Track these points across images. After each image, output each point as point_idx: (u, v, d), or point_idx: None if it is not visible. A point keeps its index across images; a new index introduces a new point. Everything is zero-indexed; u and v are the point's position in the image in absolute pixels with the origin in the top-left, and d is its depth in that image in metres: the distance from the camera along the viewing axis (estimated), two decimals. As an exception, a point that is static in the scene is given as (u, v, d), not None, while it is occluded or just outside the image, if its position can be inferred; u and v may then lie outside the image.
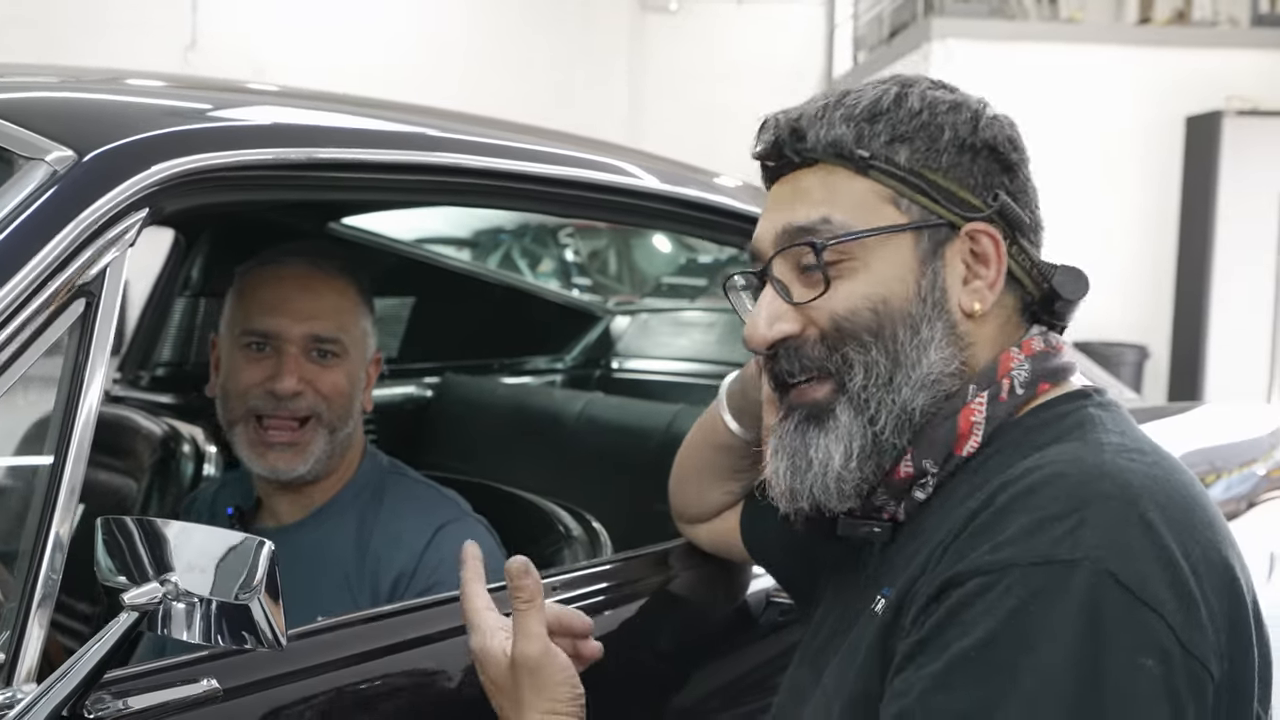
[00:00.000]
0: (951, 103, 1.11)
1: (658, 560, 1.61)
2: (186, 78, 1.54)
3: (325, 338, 1.66)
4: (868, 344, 1.06)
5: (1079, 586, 0.89)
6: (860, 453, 1.07)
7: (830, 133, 1.09)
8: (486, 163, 1.48)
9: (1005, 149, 1.11)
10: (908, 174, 1.08)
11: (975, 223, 1.08)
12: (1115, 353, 8.60)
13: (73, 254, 1.11)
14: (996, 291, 1.09)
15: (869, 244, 1.07)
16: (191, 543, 1.05)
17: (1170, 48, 9.20)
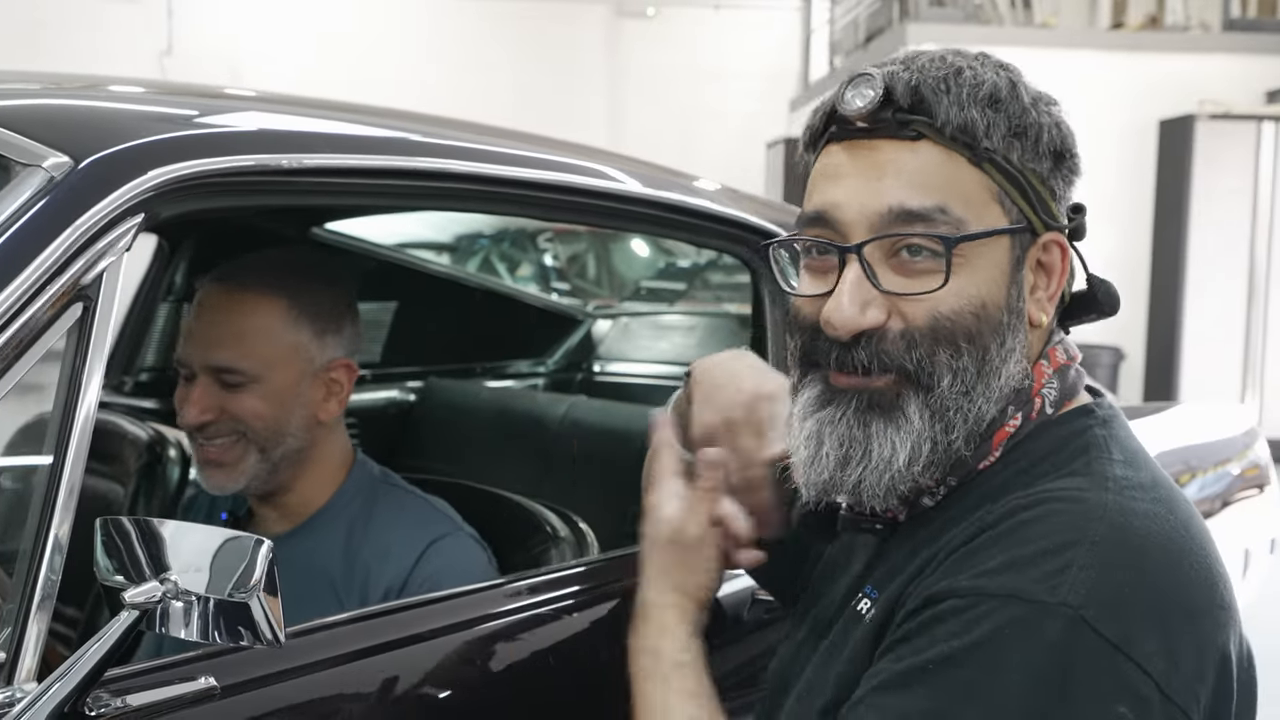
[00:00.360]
0: (1046, 99, 1.06)
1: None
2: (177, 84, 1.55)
3: (223, 367, 1.61)
4: (962, 350, 1.01)
5: (1052, 630, 0.88)
6: (928, 458, 1.02)
7: (961, 114, 1.01)
8: (471, 167, 1.50)
9: (1078, 159, 1.08)
10: (1018, 173, 1.03)
11: (1054, 233, 1.06)
12: (1091, 355, 8.66)
13: (70, 259, 1.13)
14: (1054, 303, 1.07)
15: (978, 243, 1.01)
16: (190, 542, 1.06)
17: (1143, 52, 9.29)
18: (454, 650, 1.34)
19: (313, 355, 1.66)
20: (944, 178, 1.01)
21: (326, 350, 1.67)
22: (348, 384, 1.70)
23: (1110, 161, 9.04)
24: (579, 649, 1.49)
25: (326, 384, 1.68)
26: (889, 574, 1.05)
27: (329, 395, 1.68)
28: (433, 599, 1.40)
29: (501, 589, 1.49)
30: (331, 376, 1.68)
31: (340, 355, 1.69)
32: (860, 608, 1.06)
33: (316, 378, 1.66)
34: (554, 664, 1.44)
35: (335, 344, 1.68)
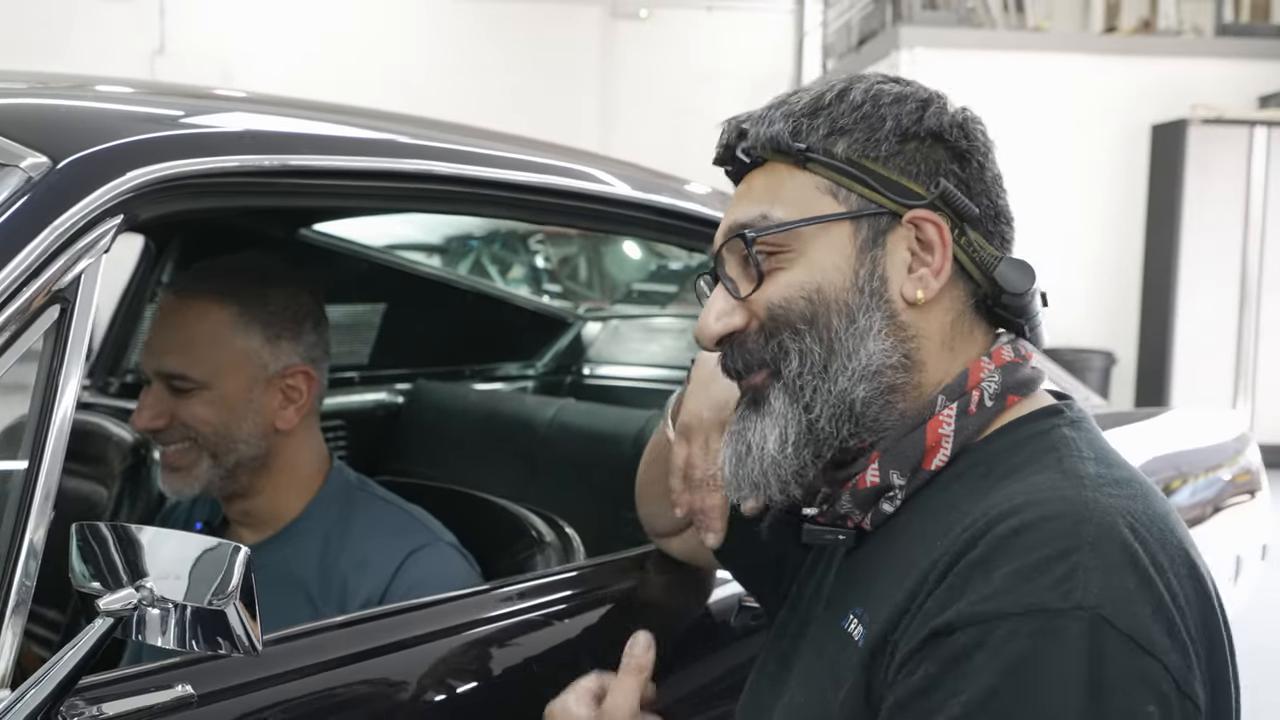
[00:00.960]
0: (898, 94, 1.10)
1: (630, 565, 1.62)
2: (162, 84, 1.54)
3: (171, 373, 1.61)
4: (801, 331, 1.06)
5: (1078, 635, 0.88)
6: (796, 439, 1.06)
7: (768, 130, 1.10)
8: (456, 169, 1.49)
9: (954, 136, 1.09)
10: (845, 164, 1.07)
11: (918, 210, 1.07)
12: (1083, 359, 8.67)
13: (47, 260, 1.11)
14: (942, 279, 1.07)
15: (805, 235, 1.07)
16: (166, 548, 1.05)
17: (1136, 57, 9.29)
18: (436, 657, 1.32)
19: (265, 362, 1.64)
20: (770, 187, 1.11)
21: (281, 357, 1.65)
22: (308, 391, 1.67)
23: (1102, 166, 9.06)
24: (564, 656, 1.48)
25: (283, 391, 1.65)
26: (874, 592, 1.03)
27: (286, 402, 1.66)
28: (415, 605, 1.39)
29: (485, 595, 1.48)
30: (288, 384, 1.66)
31: (297, 362, 1.66)
32: (849, 627, 1.04)
33: (270, 384, 1.64)
34: (538, 671, 1.42)
35: (291, 351, 1.66)
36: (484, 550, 1.75)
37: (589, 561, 1.68)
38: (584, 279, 8.73)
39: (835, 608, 1.09)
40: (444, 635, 1.36)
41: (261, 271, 1.71)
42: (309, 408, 1.69)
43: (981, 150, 1.11)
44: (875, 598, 1.02)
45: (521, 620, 1.46)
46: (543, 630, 1.48)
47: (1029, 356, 1.11)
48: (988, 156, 1.11)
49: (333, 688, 1.25)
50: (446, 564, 1.64)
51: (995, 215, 1.11)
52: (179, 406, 1.61)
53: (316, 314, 1.71)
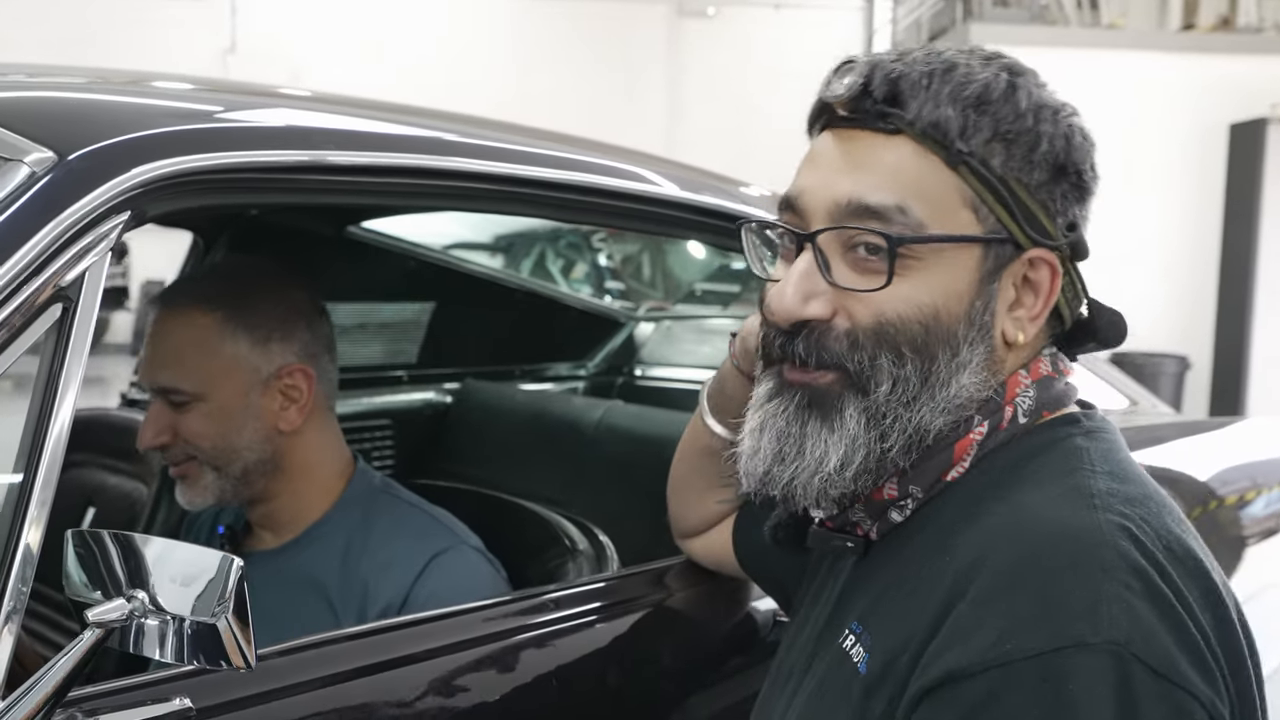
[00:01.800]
0: (1054, 108, 1.00)
1: (661, 576, 1.57)
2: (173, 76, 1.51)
3: (165, 388, 1.59)
4: (905, 358, 0.97)
5: (1108, 671, 0.82)
6: (860, 465, 0.98)
7: (935, 111, 0.96)
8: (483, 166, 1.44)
9: (1089, 176, 1.02)
10: (998, 182, 0.97)
11: (1042, 250, 0.99)
12: (1155, 364, 8.48)
13: (50, 257, 1.08)
14: (1039, 324, 1.01)
15: (936, 248, 0.96)
16: (162, 558, 1.01)
17: (1214, 54, 9.08)
18: (450, 672, 1.28)
19: (257, 365, 1.60)
20: (912, 176, 0.97)
21: (273, 358, 1.61)
22: (308, 390, 1.64)
23: (1177, 166, 8.86)
24: (589, 669, 1.43)
25: (281, 392, 1.62)
26: (876, 610, 0.98)
27: (287, 403, 1.63)
28: (430, 617, 1.35)
29: (504, 606, 1.43)
30: (286, 384, 1.62)
31: (292, 361, 1.63)
32: (847, 646, 0.99)
33: (267, 387, 1.61)
34: (558, 686, 1.38)
35: (283, 351, 1.62)
36: (515, 557, 1.71)
37: (620, 572, 1.63)
38: (647, 278, 8.69)
39: (836, 623, 1.04)
40: (460, 649, 1.31)
41: (245, 274, 1.69)
42: (314, 406, 1.65)
43: (1098, 186, 1.03)
44: (877, 616, 0.98)
45: (543, 633, 1.41)
46: (567, 642, 1.43)
47: (1066, 371, 1.05)
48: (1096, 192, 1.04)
49: (341, 702, 1.20)
50: (470, 568, 1.60)
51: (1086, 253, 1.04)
52: (179, 421, 1.59)
53: (310, 311, 1.67)
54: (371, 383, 2.90)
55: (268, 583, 1.61)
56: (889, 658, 0.93)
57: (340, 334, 2.92)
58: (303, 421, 1.63)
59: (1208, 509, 2.54)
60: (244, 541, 1.70)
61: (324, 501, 1.66)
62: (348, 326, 2.92)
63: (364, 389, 2.88)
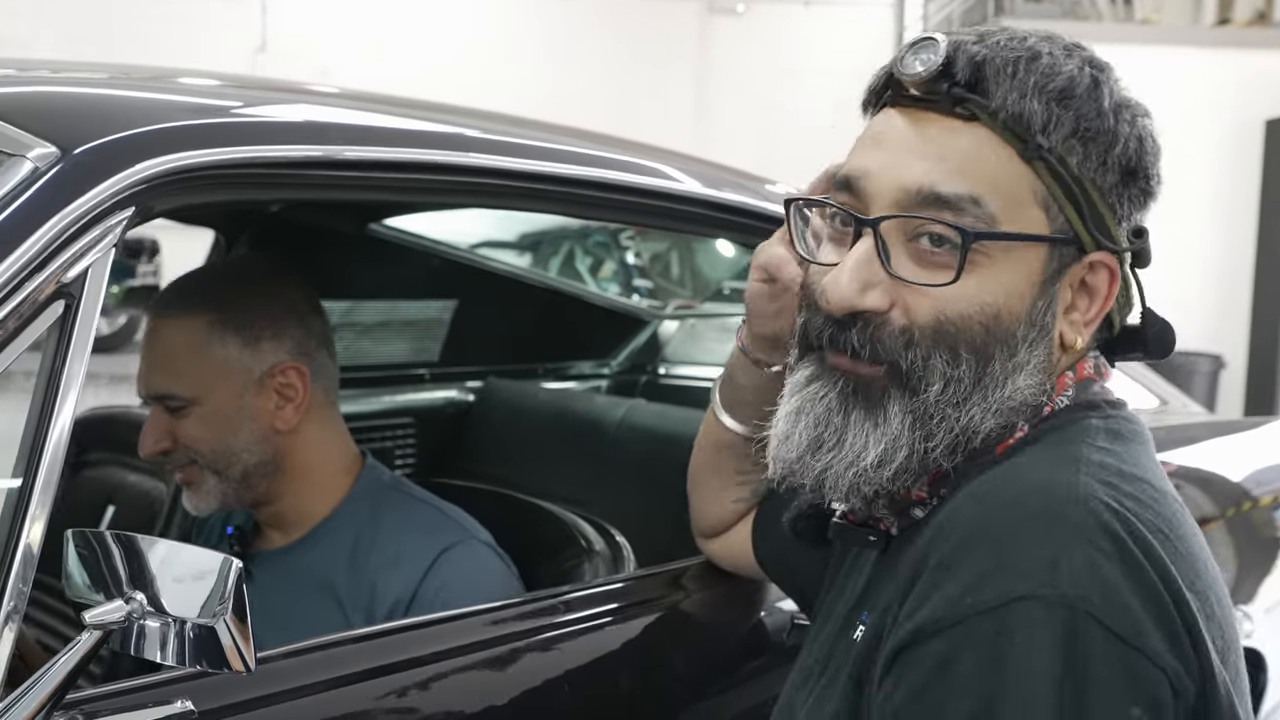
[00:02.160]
0: (1131, 108, 0.97)
1: (677, 578, 1.55)
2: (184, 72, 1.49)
3: (160, 394, 1.58)
4: (961, 360, 0.93)
5: (1060, 626, 0.80)
6: (901, 464, 0.94)
7: (1021, 102, 0.92)
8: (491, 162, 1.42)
9: (1155, 181, 0.99)
10: (1073, 182, 0.93)
11: (1104, 254, 0.96)
12: (1190, 362, 8.38)
13: (53, 254, 1.07)
14: (1092, 329, 0.99)
15: (1005, 245, 0.92)
16: (164, 559, 1.00)
17: (1250, 50, 8.97)
18: (459, 676, 1.26)
19: (248, 365, 1.59)
20: (987, 167, 0.92)
21: (264, 357, 1.60)
22: (303, 387, 1.62)
23: (1212, 162, 8.75)
24: (601, 673, 1.41)
25: (276, 391, 1.61)
26: (877, 595, 0.97)
27: (282, 402, 1.61)
28: (438, 619, 1.33)
29: (515, 608, 1.41)
30: (280, 383, 1.61)
31: (284, 359, 1.61)
32: (856, 636, 0.98)
33: (261, 387, 1.60)
34: (570, 690, 1.35)
35: (274, 349, 1.61)
36: (531, 557, 1.69)
37: (633, 573, 1.61)
38: (675, 276, 8.67)
39: (851, 619, 1.02)
40: (468, 651, 1.29)
41: (233, 275, 1.69)
42: (312, 404, 1.63)
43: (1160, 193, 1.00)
44: (881, 601, 0.96)
45: (555, 635, 1.39)
46: (580, 645, 1.41)
47: (1106, 375, 1.03)
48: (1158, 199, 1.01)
49: (346, 705, 1.19)
50: (480, 563, 1.59)
51: None
52: (177, 427, 1.58)
53: (302, 307, 1.66)
54: (394, 381, 2.90)
55: (276, 582, 1.60)
56: (876, 632, 0.92)
57: (362, 332, 2.93)
58: (300, 420, 1.62)
59: (1241, 510, 2.50)
60: (253, 542, 1.69)
61: (330, 499, 1.65)
62: (370, 324, 2.92)
63: (386, 387, 2.87)
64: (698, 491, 1.48)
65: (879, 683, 0.88)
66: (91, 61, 1.53)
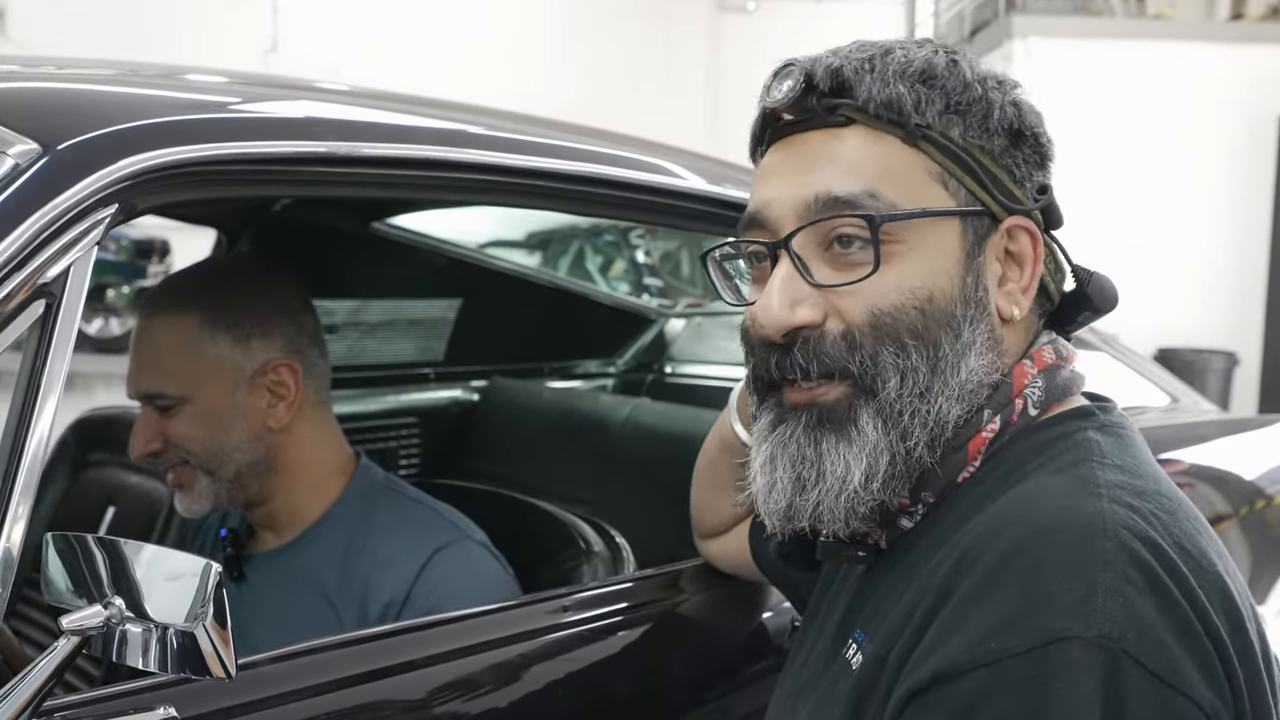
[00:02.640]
0: (997, 79, 0.99)
1: (676, 579, 1.53)
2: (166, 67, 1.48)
3: (150, 393, 1.56)
4: (908, 348, 0.93)
5: (1097, 667, 0.77)
6: (887, 472, 0.93)
7: (885, 90, 0.94)
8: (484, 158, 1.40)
9: (1045, 140, 1.00)
10: (962, 151, 0.95)
11: (1017, 217, 0.97)
12: (1203, 360, 8.34)
13: (33, 252, 1.05)
14: (1030, 296, 0.98)
15: (916, 227, 0.93)
16: (145, 563, 0.98)
17: (1264, 44, 8.91)
18: (452, 679, 1.24)
19: (240, 363, 1.57)
20: (875, 161, 0.95)
21: (255, 355, 1.58)
22: (295, 385, 1.60)
23: (1226, 158, 8.70)
24: (600, 677, 1.38)
25: (268, 389, 1.59)
26: (872, 611, 0.94)
27: (274, 400, 1.59)
28: (431, 621, 1.30)
29: (510, 611, 1.39)
30: (271, 380, 1.59)
31: (275, 357, 1.59)
32: (849, 654, 0.95)
33: (253, 385, 1.58)
34: (565, 693, 1.33)
35: (265, 347, 1.59)
36: (529, 558, 1.67)
37: (632, 575, 1.59)
38: (685, 275, 8.65)
39: (842, 633, 0.99)
40: (461, 654, 1.26)
41: (223, 273, 1.67)
42: (304, 402, 1.61)
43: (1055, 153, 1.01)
44: (875, 621, 0.93)
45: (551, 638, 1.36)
46: (577, 647, 1.39)
47: (1070, 358, 1.01)
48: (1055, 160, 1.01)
49: (335, 711, 1.16)
50: (474, 563, 1.57)
51: None
52: (167, 427, 1.56)
53: (293, 304, 1.64)
54: (398, 380, 2.88)
55: (270, 584, 1.58)
56: (880, 658, 0.88)
57: (367, 331, 2.91)
58: (292, 418, 1.60)
59: (1254, 508, 2.47)
60: (247, 544, 1.67)
61: (323, 499, 1.63)
62: (374, 324, 2.90)
63: (391, 386, 2.85)
64: (700, 490, 1.46)
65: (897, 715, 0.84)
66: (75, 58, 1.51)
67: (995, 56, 9.03)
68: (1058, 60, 8.53)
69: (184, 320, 1.57)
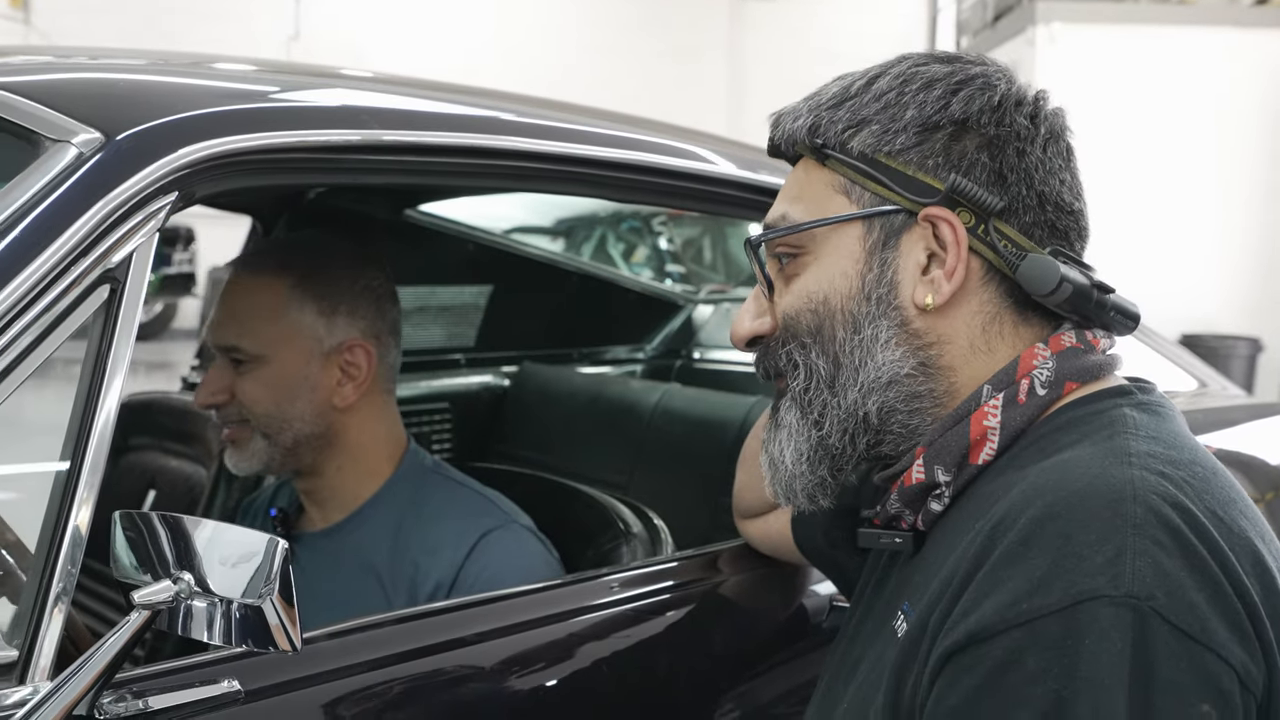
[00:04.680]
0: (930, 78, 1.01)
1: (716, 560, 1.55)
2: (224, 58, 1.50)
3: (229, 346, 1.60)
4: (807, 345, 1.03)
5: (1127, 626, 0.80)
6: (810, 455, 1.04)
7: (792, 125, 1.06)
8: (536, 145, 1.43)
9: (982, 122, 1.00)
10: (858, 160, 1.02)
11: (931, 208, 0.99)
12: (1227, 346, 8.31)
13: (98, 238, 1.08)
14: (955, 282, 0.99)
15: (819, 237, 1.03)
16: (210, 541, 1.01)
17: (1289, 29, 8.86)
18: (500, 656, 1.27)
19: (320, 335, 1.61)
20: (798, 187, 1.06)
21: (336, 331, 1.61)
22: (368, 368, 1.63)
23: (1251, 144, 8.65)
24: (642, 655, 1.41)
25: (340, 367, 1.62)
26: (920, 588, 0.96)
27: (345, 379, 1.62)
28: (479, 600, 1.33)
29: (555, 590, 1.42)
30: (346, 359, 1.62)
31: (355, 337, 1.63)
32: (895, 624, 0.98)
33: (328, 360, 1.61)
34: (609, 671, 1.36)
35: (348, 325, 1.62)
36: (570, 540, 1.70)
37: (672, 556, 1.61)
38: (708, 261, 8.66)
39: (890, 608, 1.02)
40: (508, 632, 1.30)
41: (323, 246, 1.69)
42: (371, 387, 1.65)
43: (1021, 136, 1.01)
44: (920, 590, 0.95)
45: (595, 617, 1.39)
46: (620, 626, 1.41)
47: (1096, 344, 1.02)
48: (1031, 142, 1.01)
49: (382, 685, 1.19)
50: (521, 546, 1.59)
51: (1041, 205, 1.00)
52: (237, 383, 1.60)
53: (381, 292, 1.67)
54: (429, 366, 2.90)
55: (320, 564, 1.61)
56: (921, 624, 0.91)
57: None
58: (358, 400, 1.63)
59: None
60: (296, 524, 1.70)
61: (373, 482, 1.66)
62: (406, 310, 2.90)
63: (422, 372, 2.88)
64: (744, 472, 1.49)
65: (928, 686, 0.87)
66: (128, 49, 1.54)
67: (1019, 42, 9.01)
68: (1081, 45, 8.49)
69: (276, 283, 1.61)
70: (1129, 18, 8.94)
